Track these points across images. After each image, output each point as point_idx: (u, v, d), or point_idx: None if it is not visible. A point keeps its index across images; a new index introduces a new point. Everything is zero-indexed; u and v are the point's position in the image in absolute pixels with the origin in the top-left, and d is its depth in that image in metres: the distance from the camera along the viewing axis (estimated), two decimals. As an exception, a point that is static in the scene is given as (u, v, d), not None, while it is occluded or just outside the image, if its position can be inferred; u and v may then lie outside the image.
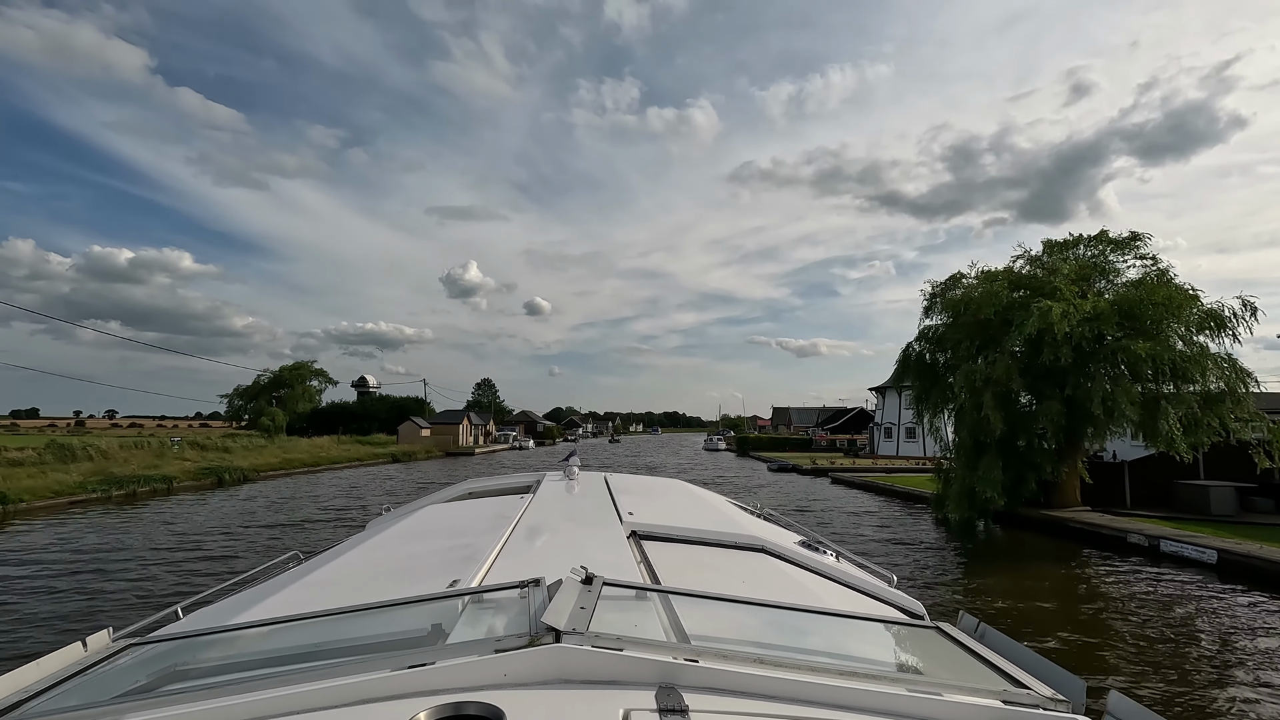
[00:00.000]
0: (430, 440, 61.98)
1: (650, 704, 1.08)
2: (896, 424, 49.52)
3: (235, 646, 1.65)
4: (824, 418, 77.14)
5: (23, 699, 1.33)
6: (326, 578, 2.22)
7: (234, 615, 1.87)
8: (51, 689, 1.40)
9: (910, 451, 47.79)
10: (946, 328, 18.86)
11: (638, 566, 2.13)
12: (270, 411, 78.01)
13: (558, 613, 1.32)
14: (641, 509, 3.03)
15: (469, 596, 1.62)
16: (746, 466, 45.38)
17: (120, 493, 23.86)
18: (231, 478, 30.37)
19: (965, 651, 1.60)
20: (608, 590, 1.54)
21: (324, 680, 1.16)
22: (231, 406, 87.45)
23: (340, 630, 1.62)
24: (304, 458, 40.56)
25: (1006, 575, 12.17)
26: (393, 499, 11.48)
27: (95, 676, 1.50)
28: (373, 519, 4.37)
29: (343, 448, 50.11)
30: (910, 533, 17.09)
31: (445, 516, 3.20)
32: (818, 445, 59.87)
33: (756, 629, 1.64)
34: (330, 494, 25.93)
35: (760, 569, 2.41)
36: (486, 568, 2.01)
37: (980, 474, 16.52)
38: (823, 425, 71.16)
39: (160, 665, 1.59)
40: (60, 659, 1.59)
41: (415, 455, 53.17)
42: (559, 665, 1.19)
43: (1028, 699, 1.29)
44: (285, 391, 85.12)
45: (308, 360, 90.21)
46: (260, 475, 33.07)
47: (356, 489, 27.83)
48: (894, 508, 22.00)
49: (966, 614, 1.89)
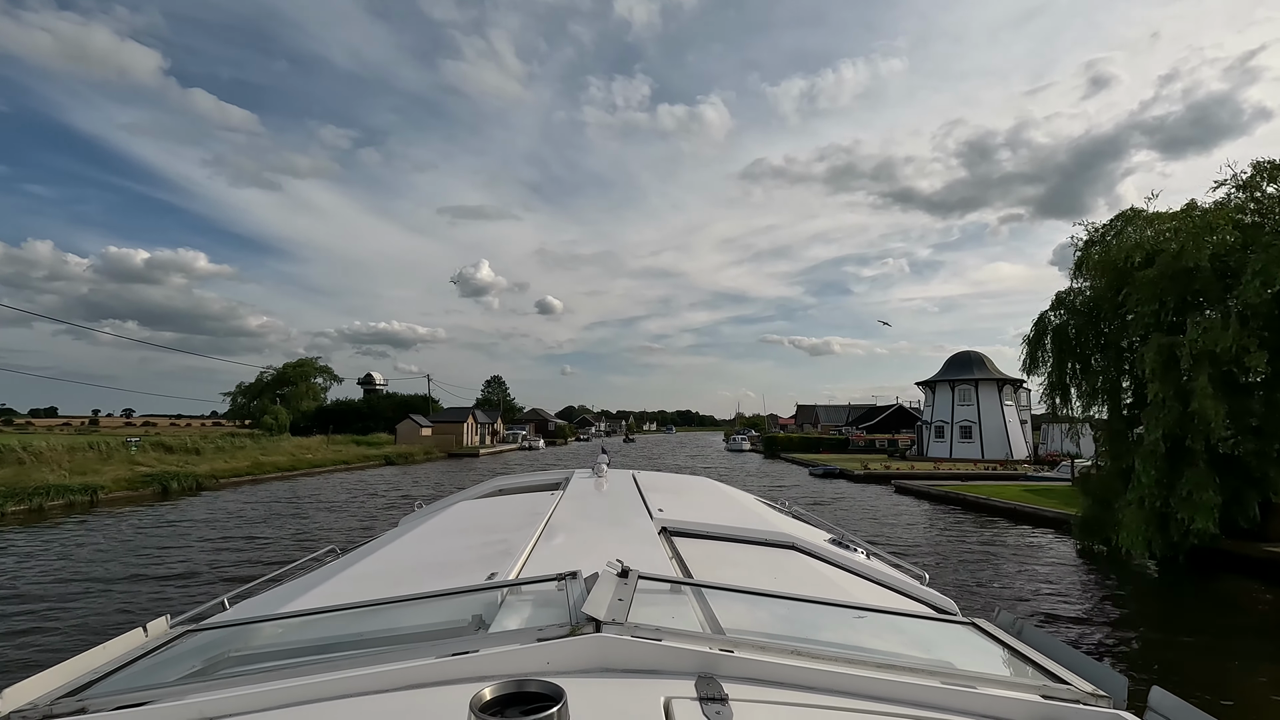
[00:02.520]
0: (431, 440, 57.13)
1: (690, 692, 1.09)
2: (949, 422, 43.98)
3: (283, 634, 1.70)
4: (856, 416, 71.37)
5: (94, 679, 1.38)
6: (366, 570, 2.26)
7: (279, 605, 1.94)
8: (118, 671, 1.45)
9: (965, 453, 42.28)
10: (1106, 288, 13.43)
11: (670, 561, 2.15)
12: (273, 410, 76.02)
13: (597, 604, 1.33)
14: (671, 506, 3.04)
15: (508, 588, 1.64)
16: (779, 470, 40.11)
17: (20, 508, 19.08)
18: (181, 486, 25.60)
19: (1002, 647, 1.59)
20: (643, 583, 1.55)
21: (372, 666, 1.19)
22: (234, 405, 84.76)
23: (383, 620, 1.64)
24: (282, 461, 35.77)
25: (1216, 648, 7.97)
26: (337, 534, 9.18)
27: (157, 660, 1.56)
28: (405, 515, 4.37)
29: (333, 449, 45.43)
30: (1061, 573, 11.86)
31: (478, 512, 3.26)
32: (855, 446, 54.39)
33: (789, 623, 1.64)
34: (255, 519, 21.01)
35: (791, 565, 2.40)
36: (523, 561, 2.03)
37: (1183, 491, 11.24)
38: (856, 424, 65.52)
39: (215, 651, 1.64)
40: (124, 644, 1.64)
41: (413, 457, 48.32)
42: (600, 654, 1.20)
43: (1068, 694, 1.27)
44: (289, 389, 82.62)
45: (313, 357, 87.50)
46: (221, 483, 28.27)
47: (300, 514, 22.86)
48: (1002, 532, 16.67)
49: (1004, 610, 1.83)
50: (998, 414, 42.83)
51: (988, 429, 42.58)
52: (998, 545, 14.92)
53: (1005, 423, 42.63)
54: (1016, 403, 44.17)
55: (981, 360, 45.04)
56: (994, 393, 43.28)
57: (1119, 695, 1.27)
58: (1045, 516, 17.45)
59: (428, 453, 51.50)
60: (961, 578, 11.70)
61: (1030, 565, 12.79)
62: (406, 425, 58.43)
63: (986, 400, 43.15)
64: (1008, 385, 43.77)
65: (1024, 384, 45.00)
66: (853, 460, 41.57)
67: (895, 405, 63.09)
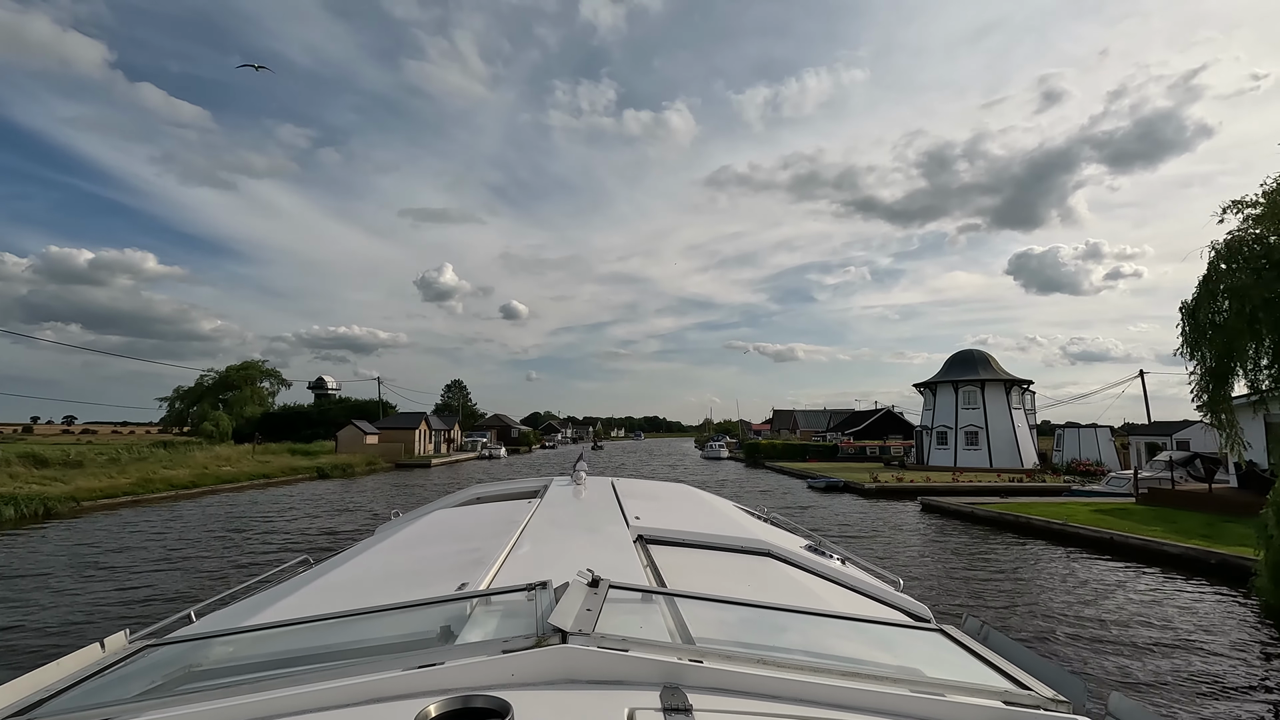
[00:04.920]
0: (377, 449, 51.11)
1: (655, 703, 1.08)
2: (952, 427, 40.07)
3: (248, 647, 1.65)
4: (839, 421, 67.53)
5: (44, 698, 1.34)
6: (336, 581, 2.23)
7: (246, 617, 1.87)
8: (71, 689, 1.40)
9: (972, 461, 38.41)
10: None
11: (644, 570, 2.11)
12: (214, 416, 69.63)
13: (564, 614, 1.31)
14: (648, 513, 3.02)
15: (477, 599, 1.62)
16: (768, 483, 35.58)
17: None
18: (21, 513, 19.69)
19: (968, 653, 1.58)
20: (614, 593, 1.53)
21: (335, 680, 1.17)
22: (171, 411, 77.93)
23: (351, 632, 1.62)
24: (182, 476, 29.76)
25: None
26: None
27: (113, 676, 1.51)
28: (381, 524, 4.21)
29: (258, 460, 39.40)
30: (1244, 642, 7.37)
31: (454, 520, 3.23)
32: (844, 453, 50.29)
33: (760, 631, 1.62)
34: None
35: (765, 572, 2.39)
36: (495, 571, 2.00)
37: None
38: (840, 429, 61.56)
39: (176, 666, 1.59)
40: (79, 659, 1.59)
41: (353, 469, 42.37)
42: (565, 665, 1.18)
43: (1029, 699, 1.28)
44: (232, 394, 76.45)
45: (258, 360, 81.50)
46: (83, 507, 22.32)
47: (124, 568, 17.30)
48: (1105, 574, 12.17)
49: (971, 616, 1.84)
50: (1006, 418, 39.08)
51: (995, 434, 38.77)
52: (1121, 598, 10.43)
53: (1014, 428, 38.89)
54: (1024, 406, 40.54)
55: (986, 359, 41.32)
56: (1001, 394, 39.54)
57: (1079, 700, 1.29)
58: (1167, 553, 13.09)
59: (371, 463, 45.52)
60: (1127, 664, 7.11)
61: (1195, 637, 8.30)
62: (349, 432, 52.25)
63: (993, 403, 39.37)
64: (1015, 387, 40.11)
65: (1029, 385, 41.41)
66: (850, 470, 37.29)
67: (882, 409, 59.25)
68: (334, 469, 40.14)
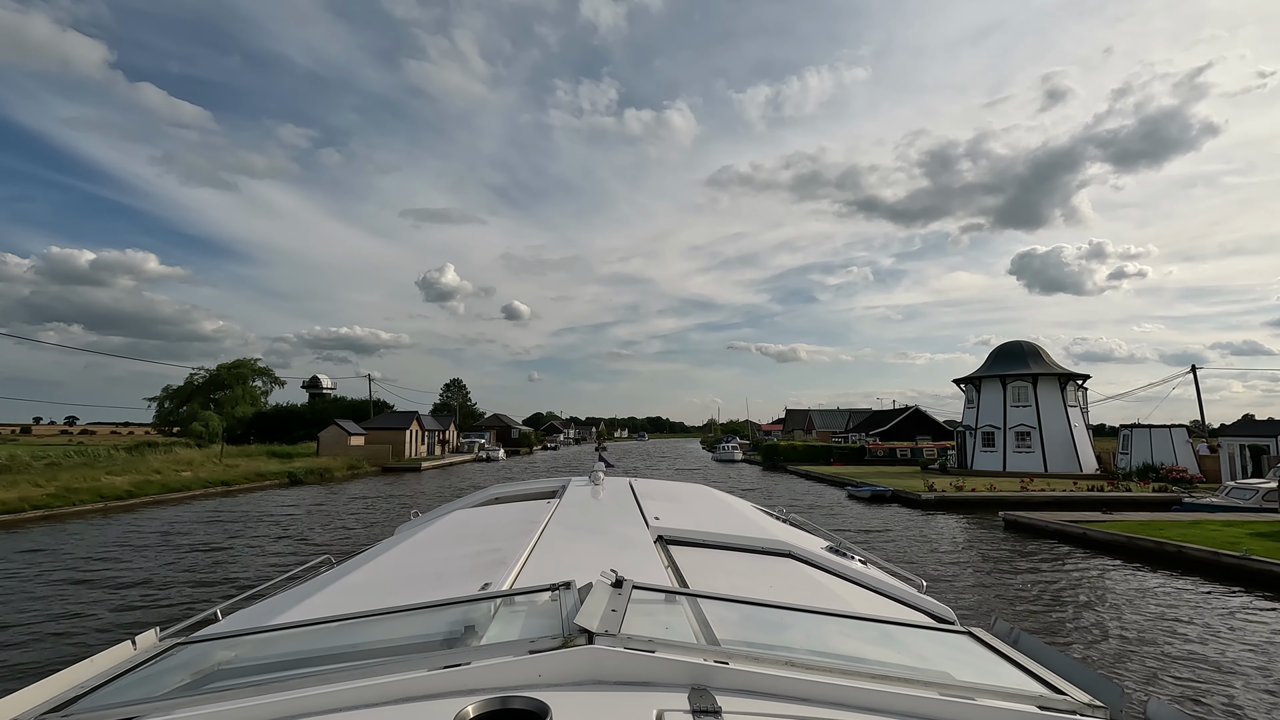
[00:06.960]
0: (362, 451, 46.94)
1: (683, 705, 1.08)
2: (1000, 427, 35.69)
3: (275, 646, 1.66)
4: (860, 421, 63.15)
5: (79, 694, 1.35)
6: (359, 580, 2.25)
7: (272, 616, 1.90)
8: (105, 685, 1.41)
9: (1022, 465, 34.05)
10: None
11: (665, 570, 2.12)
12: (204, 416, 66.37)
13: (590, 615, 1.32)
14: (667, 514, 3.02)
15: (501, 599, 1.62)
16: (799, 490, 31.32)
17: None
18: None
19: (999, 656, 1.56)
20: (637, 593, 1.53)
21: (363, 679, 1.17)
22: (161, 411, 74.51)
23: (375, 631, 1.62)
24: (122, 484, 25.63)
25: None
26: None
27: (145, 674, 1.52)
28: (400, 524, 4.21)
29: (226, 463, 35.32)
30: None
31: (473, 521, 3.24)
32: (873, 455, 45.96)
33: (785, 632, 1.61)
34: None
35: (787, 573, 2.39)
36: (517, 571, 2.01)
37: None
38: (863, 430, 57.21)
39: (205, 664, 1.60)
40: (112, 657, 1.61)
41: (333, 473, 38.24)
42: (593, 666, 1.18)
43: (1064, 704, 1.25)
44: (224, 394, 73.13)
45: (251, 358, 78.76)
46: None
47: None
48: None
49: (1001, 619, 1.81)
50: (1061, 417, 34.70)
51: (1050, 435, 34.40)
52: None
53: (1070, 427, 34.49)
54: (1079, 404, 36.20)
55: (1037, 351, 36.95)
56: (1055, 391, 35.19)
57: (1115, 705, 1.27)
58: None
59: (353, 467, 41.33)
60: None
61: None
62: (332, 433, 48.00)
63: (1047, 400, 34.99)
64: (1070, 382, 35.76)
65: (1085, 381, 37.02)
66: (886, 475, 32.97)
67: (910, 408, 54.88)
68: (308, 474, 35.89)
